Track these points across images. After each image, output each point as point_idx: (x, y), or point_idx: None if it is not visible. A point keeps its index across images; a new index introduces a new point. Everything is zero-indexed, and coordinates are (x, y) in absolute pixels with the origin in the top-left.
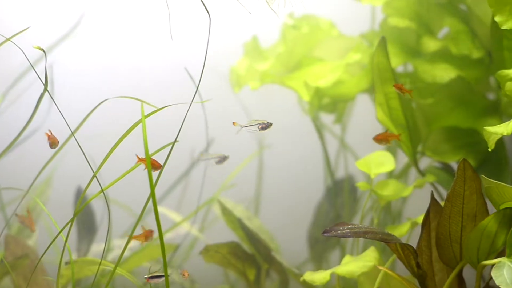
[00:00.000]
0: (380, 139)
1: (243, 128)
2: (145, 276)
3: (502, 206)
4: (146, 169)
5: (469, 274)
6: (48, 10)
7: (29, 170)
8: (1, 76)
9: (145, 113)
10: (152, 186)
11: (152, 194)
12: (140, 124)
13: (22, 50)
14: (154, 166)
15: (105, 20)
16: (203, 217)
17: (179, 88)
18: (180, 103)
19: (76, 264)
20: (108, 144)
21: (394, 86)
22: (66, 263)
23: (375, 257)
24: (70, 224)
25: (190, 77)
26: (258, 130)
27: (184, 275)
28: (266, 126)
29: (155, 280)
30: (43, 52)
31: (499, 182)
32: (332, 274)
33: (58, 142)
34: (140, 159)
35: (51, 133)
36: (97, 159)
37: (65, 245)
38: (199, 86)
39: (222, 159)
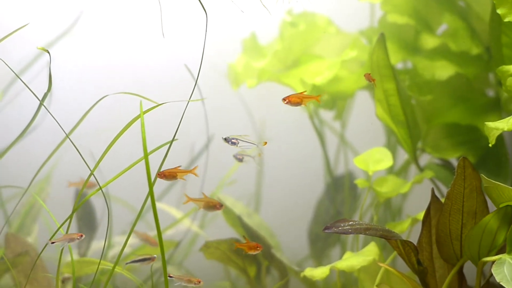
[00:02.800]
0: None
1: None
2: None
3: (502, 205)
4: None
5: (469, 270)
6: (47, 8)
7: (29, 168)
8: (1, 72)
9: (146, 109)
10: (151, 185)
11: (151, 193)
12: (140, 120)
13: (5, 63)
14: (215, 206)
15: (104, 17)
16: (203, 213)
17: (179, 85)
18: (179, 100)
19: (76, 263)
20: (109, 141)
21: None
22: (64, 281)
23: (375, 252)
24: (69, 220)
25: (190, 73)
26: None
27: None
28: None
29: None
30: (41, 49)
31: (497, 182)
32: (332, 270)
33: None
34: (189, 199)
35: None
36: (98, 155)
37: None
38: (199, 83)
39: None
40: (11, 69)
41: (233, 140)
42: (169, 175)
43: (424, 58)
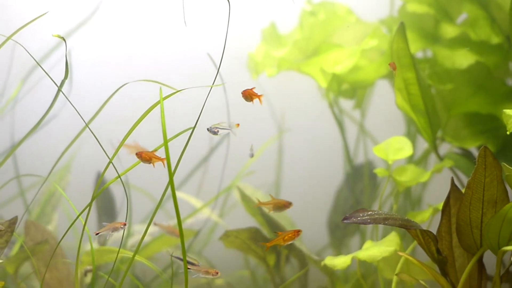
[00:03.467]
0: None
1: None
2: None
3: None
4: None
5: (489, 260)
6: None
7: (49, 156)
8: (20, 62)
9: (165, 96)
10: (171, 174)
11: (171, 182)
12: (160, 110)
13: (25, 49)
14: (284, 206)
15: (123, 5)
16: (222, 202)
17: (199, 75)
18: (199, 86)
19: (96, 251)
20: (129, 129)
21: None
22: (86, 273)
23: (396, 242)
24: (88, 208)
25: (212, 62)
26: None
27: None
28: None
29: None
30: (57, 37)
31: None
32: (353, 259)
33: None
34: (260, 203)
35: None
36: (117, 145)
37: (83, 228)
38: (220, 71)
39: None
40: (31, 56)
41: (214, 130)
42: (146, 157)
43: (444, 47)
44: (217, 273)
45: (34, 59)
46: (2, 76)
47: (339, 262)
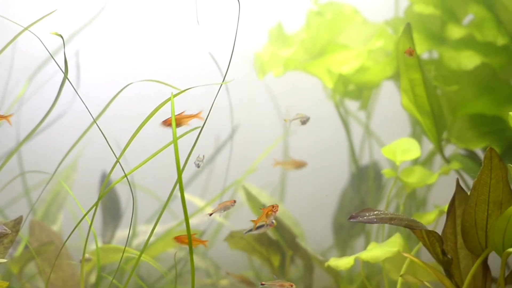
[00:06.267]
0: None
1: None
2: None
3: None
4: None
5: (494, 261)
6: None
7: (55, 155)
8: (27, 62)
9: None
10: (179, 172)
11: (180, 181)
12: (165, 110)
13: (40, 40)
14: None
15: (129, 5)
16: None
17: (204, 73)
18: (207, 84)
19: (101, 250)
20: (135, 129)
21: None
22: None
23: (399, 243)
24: (94, 208)
25: (214, 62)
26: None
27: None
28: (306, 120)
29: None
30: (55, 34)
31: None
32: (357, 260)
33: None
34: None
35: None
36: (123, 144)
37: (90, 228)
38: (224, 72)
39: (306, 119)
40: (46, 48)
41: (197, 163)
42: None
43: (450, 48)
44: (291, 286)
45: (48, 51)
46: (3, 76)
47: (342, 263)
